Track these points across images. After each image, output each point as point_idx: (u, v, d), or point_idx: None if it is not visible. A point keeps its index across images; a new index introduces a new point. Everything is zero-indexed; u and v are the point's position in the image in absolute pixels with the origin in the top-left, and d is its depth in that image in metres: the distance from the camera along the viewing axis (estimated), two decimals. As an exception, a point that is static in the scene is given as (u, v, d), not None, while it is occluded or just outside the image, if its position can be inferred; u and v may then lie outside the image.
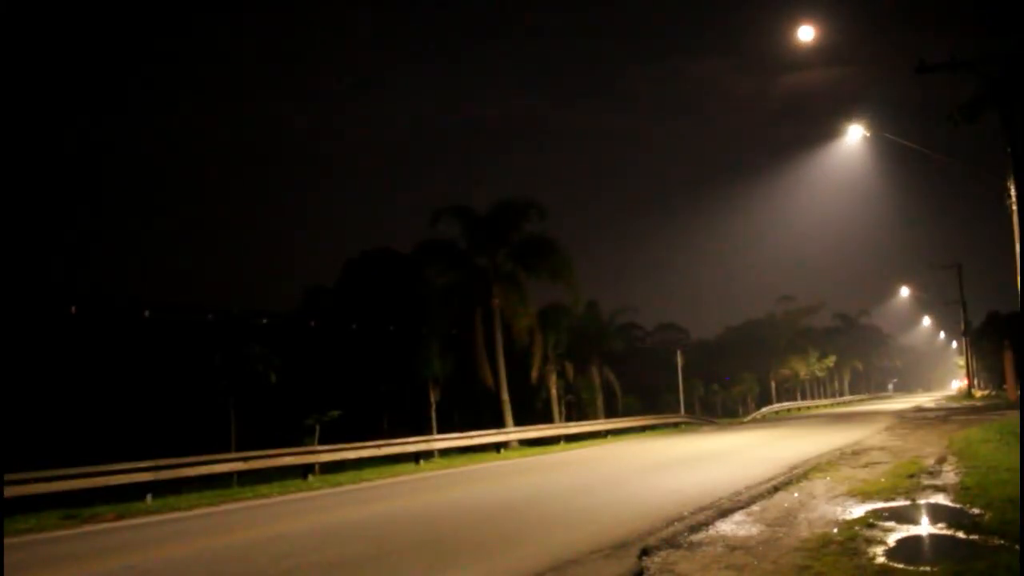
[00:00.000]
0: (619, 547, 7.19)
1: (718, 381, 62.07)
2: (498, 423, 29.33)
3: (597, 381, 45.66)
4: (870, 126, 19.49)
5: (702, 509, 9.17)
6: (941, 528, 7.47)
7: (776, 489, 10.80)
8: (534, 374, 35.12)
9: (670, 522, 8.37)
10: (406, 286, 34.52)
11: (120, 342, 29.54)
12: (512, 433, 26.58)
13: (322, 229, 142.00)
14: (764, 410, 51.96)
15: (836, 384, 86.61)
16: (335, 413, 23.35)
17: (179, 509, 12.68)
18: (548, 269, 31.78)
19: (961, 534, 7.04)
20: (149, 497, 14.28)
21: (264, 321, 36.53)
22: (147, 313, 32.79)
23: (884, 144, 20.48)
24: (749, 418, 47.68)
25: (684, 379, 47.29)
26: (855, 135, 19.68)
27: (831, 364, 73.99)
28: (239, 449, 19.47)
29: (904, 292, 66.42)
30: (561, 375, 39.85)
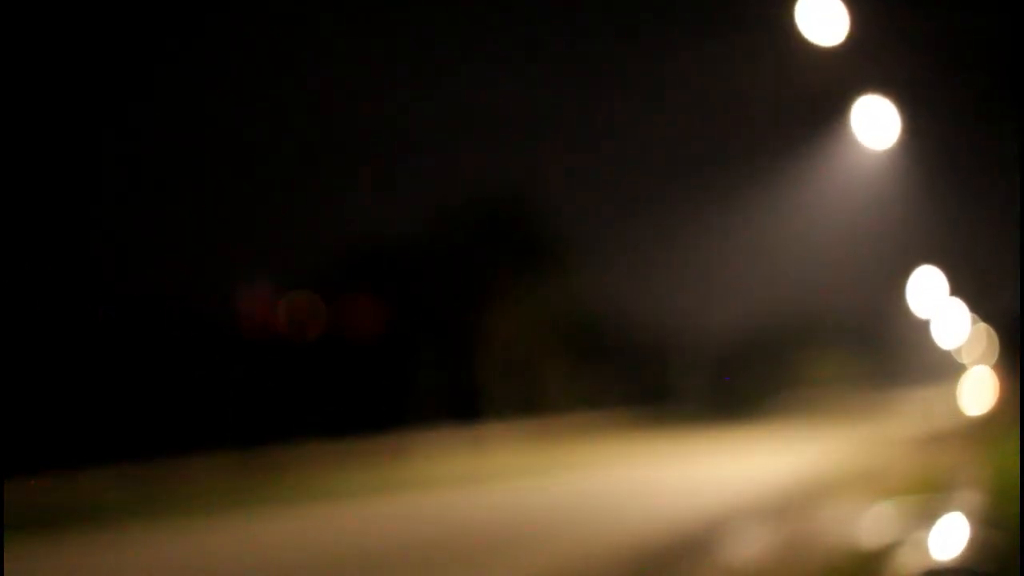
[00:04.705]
0: (621, 550, 7.04)
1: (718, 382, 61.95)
2: (497, 424, 29.22)
3: (597, 382, 45.54)
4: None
5: (709, 512, 9.05)
6: (956, 535, 7.28)
7: (786, 493, 10.63)
8: (533, 374, 35.07)
9: (675, 525, 8.22)
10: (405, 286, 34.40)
11: (119, 342, 29.41)
12: (511, 434, 26.49)
13: (322, 229, 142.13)
14: (770, 410, 51.76)
15: (838, 385, 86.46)
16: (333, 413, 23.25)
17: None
18: (548, 268, 31.78)
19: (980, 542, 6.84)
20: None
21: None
22: (144, 313, 32.69)
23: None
24: (752, 419, 47.57)
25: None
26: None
27: (833, 365, 73.82)
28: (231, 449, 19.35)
29: (905, 292, 66.33)
30: (560, 375, 39.74)
